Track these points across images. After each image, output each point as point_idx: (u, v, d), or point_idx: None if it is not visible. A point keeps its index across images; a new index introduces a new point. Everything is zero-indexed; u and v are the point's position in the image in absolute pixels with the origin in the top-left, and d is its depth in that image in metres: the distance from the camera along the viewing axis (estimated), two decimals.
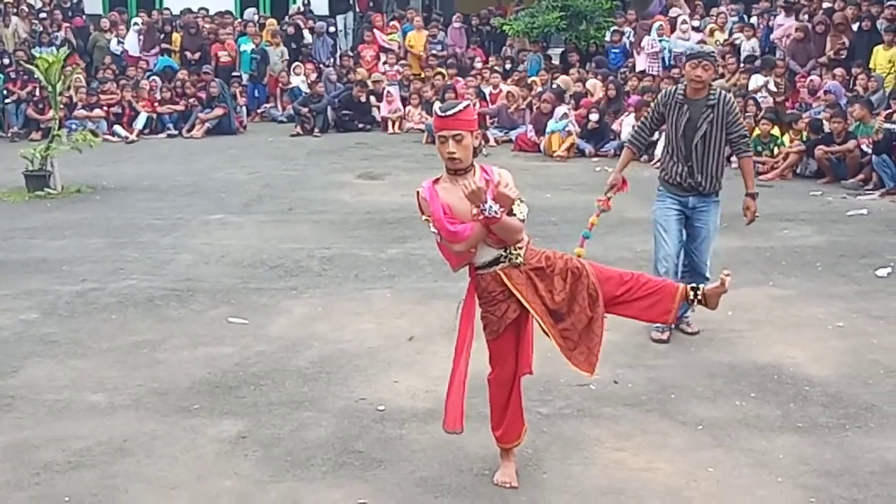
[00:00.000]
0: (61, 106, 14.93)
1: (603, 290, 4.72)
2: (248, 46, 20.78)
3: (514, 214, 4.53)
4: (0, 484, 4.97)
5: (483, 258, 4.67)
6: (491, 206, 4.40)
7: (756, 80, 16.40)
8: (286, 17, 22.33)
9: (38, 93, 17.87)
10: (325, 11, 23.33)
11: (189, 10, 22.16)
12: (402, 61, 20.86)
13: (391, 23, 22.09)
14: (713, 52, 7.37)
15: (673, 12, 19.94)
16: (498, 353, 4.81)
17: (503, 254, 4.65)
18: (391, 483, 4.93)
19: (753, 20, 19.40)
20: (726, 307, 7.48)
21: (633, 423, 5.63)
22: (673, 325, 6.81)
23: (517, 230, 4.59)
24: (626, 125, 15.40)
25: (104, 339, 7.13)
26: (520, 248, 4.67)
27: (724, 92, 7.01)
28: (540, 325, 4.71)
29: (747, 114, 15.06)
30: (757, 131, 14.22)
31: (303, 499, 4.81)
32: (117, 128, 18.18)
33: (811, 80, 16.16)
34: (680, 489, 4.87)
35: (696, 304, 4.91)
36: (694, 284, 4.96)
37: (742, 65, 17.30)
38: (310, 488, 4.91)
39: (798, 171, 13.80)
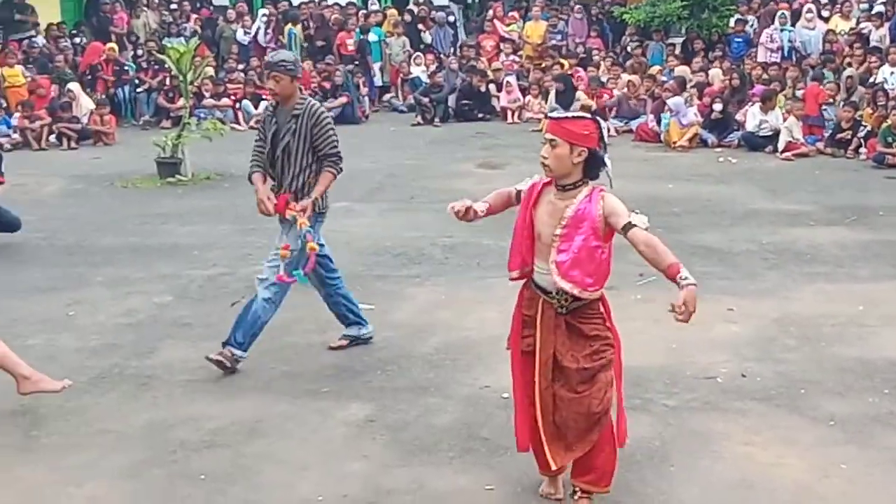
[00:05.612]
0: (191, 95, 15.31)
1: None
2: (373, 37, 20.90)
3: (635, 226, 4.17)
4: (139, 461, 5.16)
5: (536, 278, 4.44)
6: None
7: (885, 71, 15.93)
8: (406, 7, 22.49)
9: (168, 82, 18.34)
10: (444, 1, 23.42)
11: (313, 1, 22.47)
12: (521, 52, 20.83)
13: (510, 13, 22.09)
14: (287, 60, 6.35)
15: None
16: (513, 366, 4.68)
17: (553, 294, 4.37)
18: (517, 470, 4.94)
19: (881, 8, 18.78)
20: (857, 302, 7.34)
21: (761, 418, 5.55)
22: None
23: (662, 250, 4.15)
24: (751, 115, 15.11)
25: None
26: (571, 302, 4.34)
27: (313, 104, 6.41)
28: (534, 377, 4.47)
29: (879, 104, 14.67)
30: (888, 122, 13.80)
31: (430, 483, 4.87)
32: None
33: None
34: (811, 485, 4.79)
35: None
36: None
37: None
38: (437, 473, 4.97)
39: None
